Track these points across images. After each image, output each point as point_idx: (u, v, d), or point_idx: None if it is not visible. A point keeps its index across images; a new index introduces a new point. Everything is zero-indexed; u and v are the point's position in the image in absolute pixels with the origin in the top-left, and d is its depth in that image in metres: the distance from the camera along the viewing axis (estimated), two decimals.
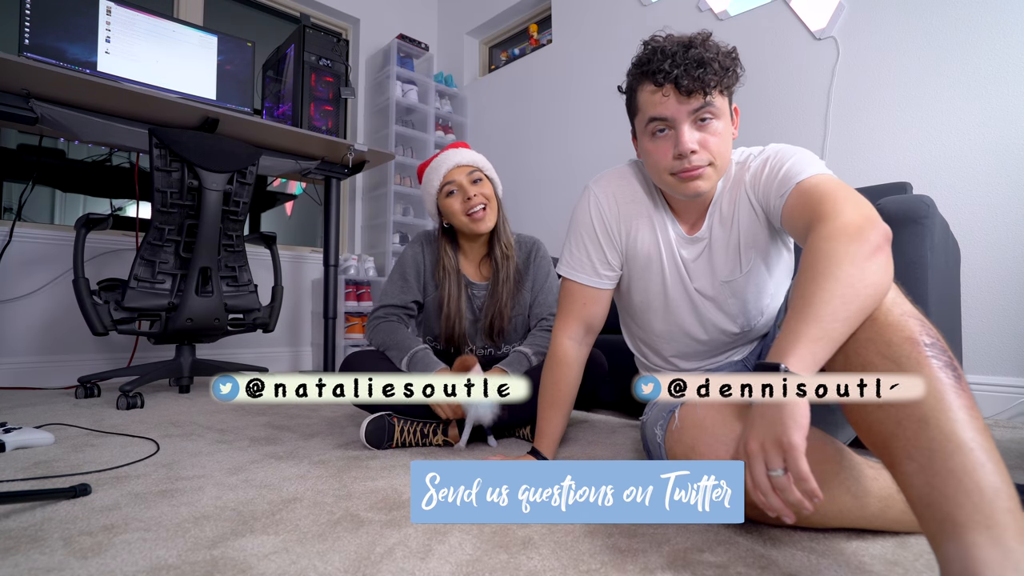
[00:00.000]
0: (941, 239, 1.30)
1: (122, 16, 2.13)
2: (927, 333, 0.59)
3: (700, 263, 0.95)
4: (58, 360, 2.38)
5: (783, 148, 0.88)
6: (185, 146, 1.84)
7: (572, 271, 1.01)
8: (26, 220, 2.37)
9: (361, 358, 1.33)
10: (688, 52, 0.80)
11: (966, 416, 0.53)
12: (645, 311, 1.02)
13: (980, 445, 0.51)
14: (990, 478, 0.49)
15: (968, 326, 1.73)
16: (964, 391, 0.55)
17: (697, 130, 0.83)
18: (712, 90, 0.81)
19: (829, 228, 0.68)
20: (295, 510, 0.83)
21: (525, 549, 0.69)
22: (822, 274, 0.63)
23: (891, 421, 0.56)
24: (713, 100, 0.81)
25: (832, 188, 0.75)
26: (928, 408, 0.54)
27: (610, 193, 0.99)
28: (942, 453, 0.51)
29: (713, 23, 2.41)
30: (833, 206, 0.71)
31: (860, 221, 0.67)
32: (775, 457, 0.56)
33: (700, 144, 0.82)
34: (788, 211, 0.81)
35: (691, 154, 0.82)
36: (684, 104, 0.81)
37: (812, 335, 0.60)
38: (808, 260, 0.66)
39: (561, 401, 1.03)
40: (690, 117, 0.82)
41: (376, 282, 3.24)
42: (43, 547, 0.69)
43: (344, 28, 3.64)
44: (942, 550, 0.49)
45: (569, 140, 3.02)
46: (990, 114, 1.73)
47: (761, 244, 0.91)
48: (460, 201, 1.33)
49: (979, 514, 0.48)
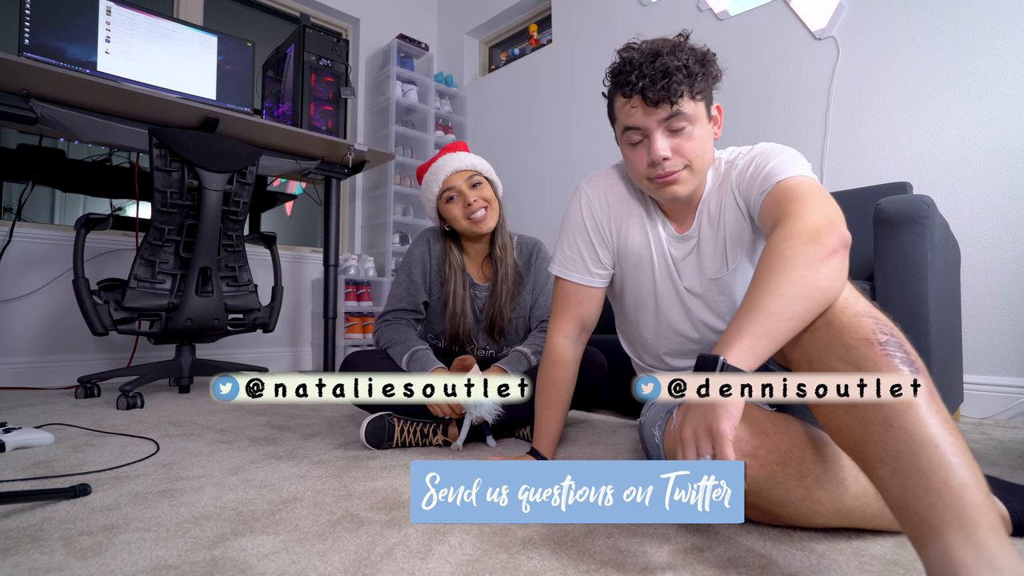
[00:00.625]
0: (941, 239, 1.30)
1: (122, 16, 2.13)
2: (882, 331, 0.60)
3: (689, 261, 0.96)
4: (58, 360, 2.38)
5: (770, 147, 0.88)
6: (185, 146, 1.84)
7: (565, 270, 1.02)
8: (26, 220, 2.37)
9: (361, 358, 1.33)
10: (655, 62, 0.81)
11: (928, 412, 0.53)
12: (637, 310, 1.03)
13: (945, 440, 0.51)
14: (958, 474, 0.49)
15: (968, 326, 1.73)
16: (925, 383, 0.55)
17: (670, 137, 0.84)
18: (679, 98, 0.82)
19: (789, 229, 0.69)
20: (295, 510, 0.83)
21: (525, 549, 0.69)
22: (774, 272, 0.65)
23: (858, 424, 0.56)
24: (683, 107, 0.82)
25: (805, 191, 0.76)
26: (890, 407, 0.54)
27: (601, 193, 1.01)
28: (908, 453, 0.52)
29: (713, 23, 2.41)
30: (799, 207, 0.72)
31: (820, 224, 0.68)
32: (705, 443, 0.58)
33: (674, 150, 0.84)
34: (763, 209, 0.82)
35: (664, 161, 0.84)
36: (652, 114, 0.83)
37: (755, 331, 0.62)
38: (764, 258, 0.68)
39: (558, 400, 1.03)
40: (661, 125, 0.83)
41: (376, 282, 3.24)
42: (43, 547, 0.69)
43: (344, 28, 3.64)
44: (924, 553, 0.50)
45: (569, 140, 3.02)
46: (990, 114, 1.73)
47: (746, 242, 0.92)
48: (460, 207, 1.33)
49: (950, 513, 0.48)
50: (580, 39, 3.01)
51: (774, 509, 0.71)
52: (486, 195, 1.34)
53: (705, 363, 0.61)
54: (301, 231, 4.76)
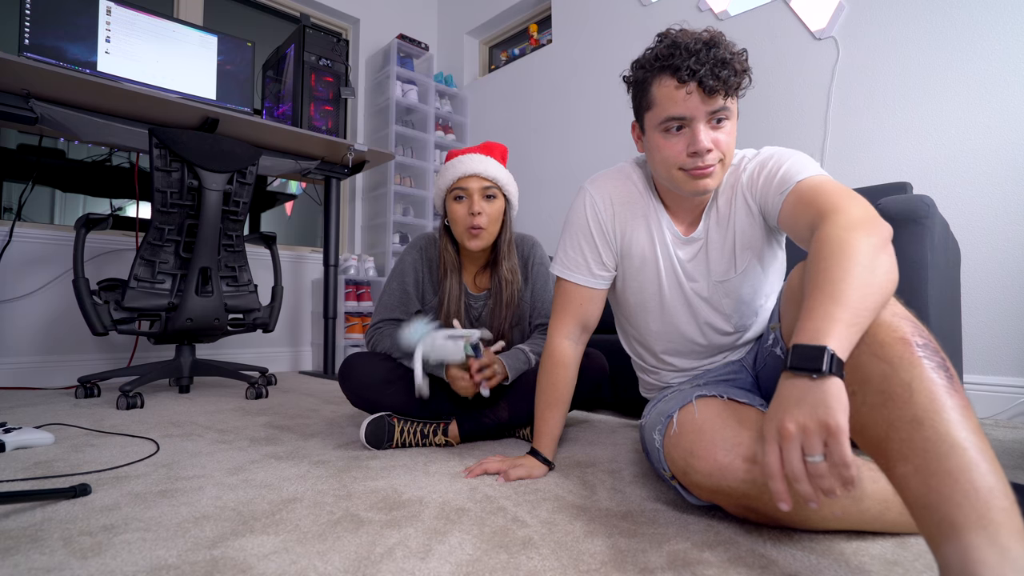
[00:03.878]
0: (941, 239, 1.30)
1: (122, 16, 2.13)
2: (920, 334, 0.59)
3: (696, 263, 0.96)
4: (58, 360, 2.38)
5: (779, 151, 0.89)
6: (185, 146, 1.84)
7: (567, 271, 1.02)
8: (26, 220, 2.37)
9: (361, 359, 1.32)
10: (711, 51, 0.79)
11: (960, 416, 0.52)
12: (640, 311, 1.02)
13: (974, 445, 0.51)
14: (986, 478, 0.49)
15: (968, 326, 1.73)
16: (957, 392, 0.54)
17: (712, 129, 0.82)
18: (735, 91, 0.81)
19: (843, 219, 0.68)
20: (295, 510, 0.83)
21: (525, 549, 0.69)
22: (846, 259, 0.62)
23: (884, 423, 0.56)
24: (729, 102, 0.82)
25: (835, 187, 0.77)
26: (921, 409, 0.53)
27: (605, 193, 0.99)
28: (936, 454, 0.51)
29: (713, 23, 2.41)
30: (841, 201, 0.72)
31: (868, 217, 0.68)
32: (816, 441, 0.53)
33: (714, 143, 0.82)
34: (787, 209, 0.82)
35: (706, 153, 0.82)
36: (706, 104, 0.80)
37: (847, 320, 0.58)
38: (827, 248, 0.65)
39: (559, 401, 1.03)
40: (707, 116, 0.81)
41: (376, 282, 3.24)
42: (43, 547, 0.69)
43: (344, 28, 3.64)
44: (941, 552, 0.49)
45: (569, 140, 3.02)
46: (990, 114, 1.73)
47: (756, 245, 0.92)
48: (464, 211, 1.27)
49: (975, 514, 0.47)
50: (580, 39, 3.01)
51: (774, 512, 0.71)
52: (493, 211, 1.29)
53: (806, 353, 0.56)
54: (301, 231, 4.76)
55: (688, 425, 0.76)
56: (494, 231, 1.30)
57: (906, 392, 0.55)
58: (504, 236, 1.33)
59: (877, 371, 0.58)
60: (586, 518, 0.81)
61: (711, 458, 0.72)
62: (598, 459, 1.15)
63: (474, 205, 1.26)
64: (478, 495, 0.90)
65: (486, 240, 1.29)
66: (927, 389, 0.54)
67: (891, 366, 0.57)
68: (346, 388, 1.29)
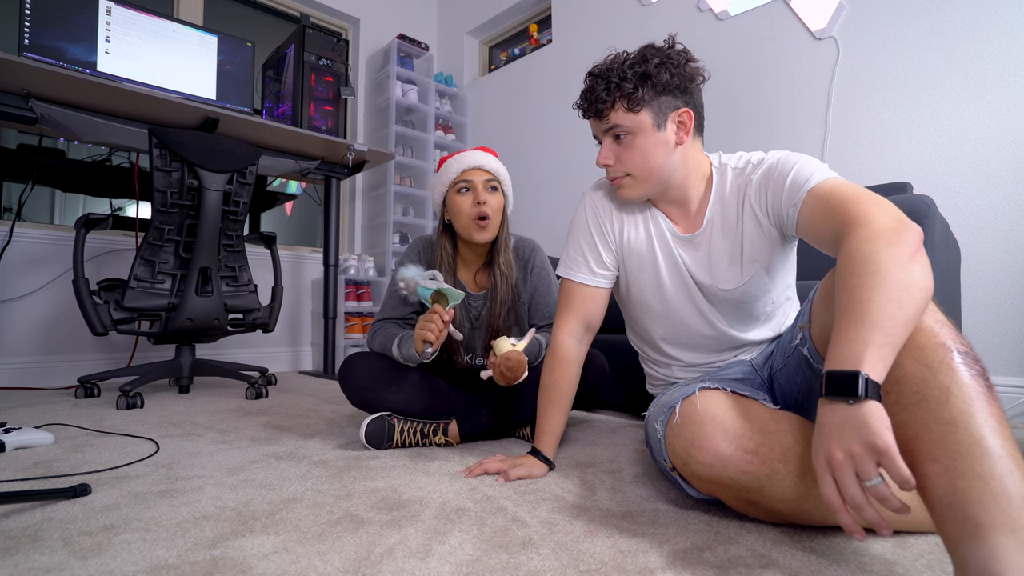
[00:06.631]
0: (941, 239, 1.30)
1: (122, 16, 2.13)
2: (960, 342, 0.59)
3: (699, 261, 0.97)
4: (58, 360, 2.38)
5: (783, 156, 0.87)
6: (185, 146, 1.84)
7: (570, 271, 1.06)
8: (26, 220, 2.37)
9: (361, 359, 1.32)
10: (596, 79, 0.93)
11: (995, 424, 0.53)
12: (643, 308, 1.04)
13: (1008, 453, 0.51)
14: (1018, 485, 0.49)
15: (968, 326, 1.73)
16: (994, 401, 0.55)
17: (613, 145, 0.94)
18: (609, 111, 0.91)
19: (867, 232, 0.66)
20: (295, 510, 0.83)
21: (525, 549, 0.69)
22: (871, 277, 0.61)
23: (917, 423, 0.56)
24: (617, 120, 0.91)
25: (853, 191, 0.74)
26: (958, 412, 0.54)
27: (605, 195, 1.06)
28: (970, 456, 0.51)
29: (713, 23, 2.41)
30: (862, 209, 0.70)
31: (895, 223, 0.66)
32: (868, 465, 0.52)
33: (615, 158, 0.94)
34: (805, 218, 0.80)
35: (605, 167, 0.95)
36: (595, 125, 0.95)
37: (878, 340, 0.57)
38: (851, 266, 0.64)
39: (561, 399, 1.04)
40: (607, 135, 0.94)
41: (376, 282, 3.24)
42: (43, 547, 0.69)
43: (344, 28, 3.64)
44: (960, 550, 0.49)
45: (569, 140, 3.02)
46: (990, 114, 1.73)
47: (764, 256, 0.92)
48: (470, 202, 1.29)
49: (1005, 517, 0.48)
50: (580, 39, 3.01)
51: (775, 506, 0.72)
52: (496, 204, 1.32)
53: (840, 379, 0.56)
54: (301, 231, 4.76)
55: (690, 416, 0.76)
56: (498, 223, 1.33)
57: (943, 395, 0.55)
58: (503, 232, 1.36)
59: (914, 373, 0.58)
60: (586, 518, 0.81)
61: (712, 448, 0.72)
62: (598, 459, 1.15)
63: (480, 195, 1.29)
64: (478, 495, 0.90)
65: (492, 231, 1.32)
66: (965, 394, 0.54)
67: (929, 369, 0.57)
68: (346, 388, 1.29)
